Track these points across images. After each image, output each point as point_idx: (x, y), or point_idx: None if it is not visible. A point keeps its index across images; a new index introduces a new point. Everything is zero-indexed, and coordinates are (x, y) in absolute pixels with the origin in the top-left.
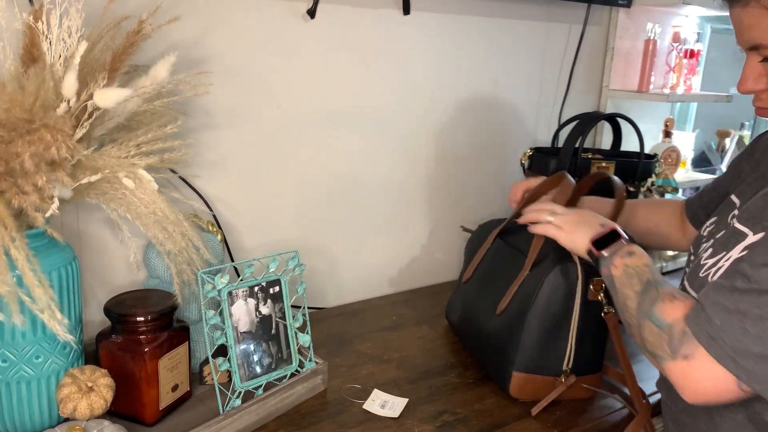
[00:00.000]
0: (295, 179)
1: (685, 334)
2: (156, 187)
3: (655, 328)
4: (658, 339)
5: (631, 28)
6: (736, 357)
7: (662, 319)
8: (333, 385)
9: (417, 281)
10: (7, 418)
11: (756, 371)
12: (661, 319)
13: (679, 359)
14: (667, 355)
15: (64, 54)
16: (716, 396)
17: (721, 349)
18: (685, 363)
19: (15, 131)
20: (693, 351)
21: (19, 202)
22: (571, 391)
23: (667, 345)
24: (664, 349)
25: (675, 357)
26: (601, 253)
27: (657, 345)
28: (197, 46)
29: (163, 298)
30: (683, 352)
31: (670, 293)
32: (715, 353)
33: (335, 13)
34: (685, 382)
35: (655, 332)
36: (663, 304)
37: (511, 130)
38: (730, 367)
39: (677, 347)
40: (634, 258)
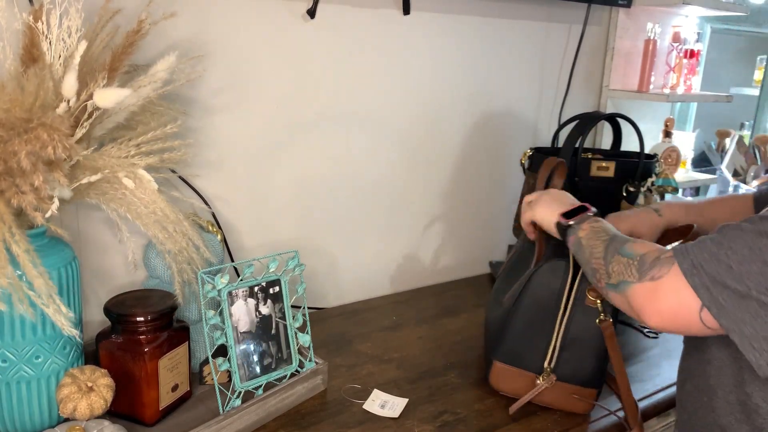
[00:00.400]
0: (295, 179)
1: (657, 261)
2: (156, 186)
3: (624, 258)
4: (626, 267)
5: (631, 28)
6: (711, 288)
7: (633, 252)
8: (333, 385)
9: (417, 281)
10: (7, 418)
11: (727, 307)
12: (631, 252)
13: (646, 281)
14: (633, 279)
15: (63, 54)
16: (674, 320)
17: (699, 278)
18: (651, 284)
19: (13, 130)
20: (663, 273)
21: (18, 201)
22: (563, 400)
23: (636, 270)
24: (631, 274)
25: (642, 279)
26: (568, 221)
27: (623, 272)
28: (197, 47)
29: (163, 298)
30: (651, 274)
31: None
32: (692, 280)
33: (335, 13)
34: (646, 303)
35: (623, 262)
36: (635, 244)
37: (511, 130)
38: (703, 296)
39: (646, 270)
40: (601, 223)
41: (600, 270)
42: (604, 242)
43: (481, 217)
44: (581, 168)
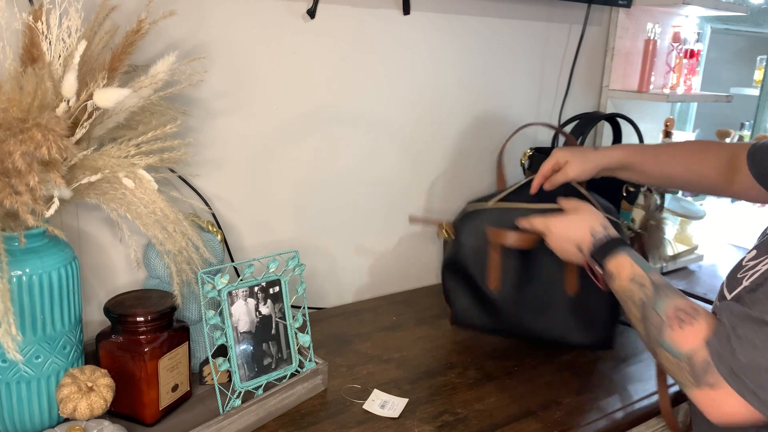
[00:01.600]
0: (295, 179)
1: (707, 364)
2: (156, 186)
3: (672, 357)
4: (678, 369)
5: (631, 28)
6: (759, 392)
7: (677, 349)
8: (333, 385)
9: (417, 281)
10: (7, 418)
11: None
12: (675, 349)
13: (705, 387)
14: (690, 384)
15: (63, 54)
16: (742, 421)
17: (744, 385)
18: (711, 391)
19: (9, 131)
20: (717, 380)
21: (11, 202)
22: None
23: (690, 375)
24: (686, 378)
25: (700, 385)
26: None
27: (678, 374)
28: (196, 47)
29: (162, 298)
30: (707, 380)
31: (674, 316)
32: (738, 389)
33: (335, 13)
34: (711, 409)
35: (672, 362)
36: (672, 331)
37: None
38: (752, 402)
39: (700, 376)
40: (616, 280)
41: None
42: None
43: None
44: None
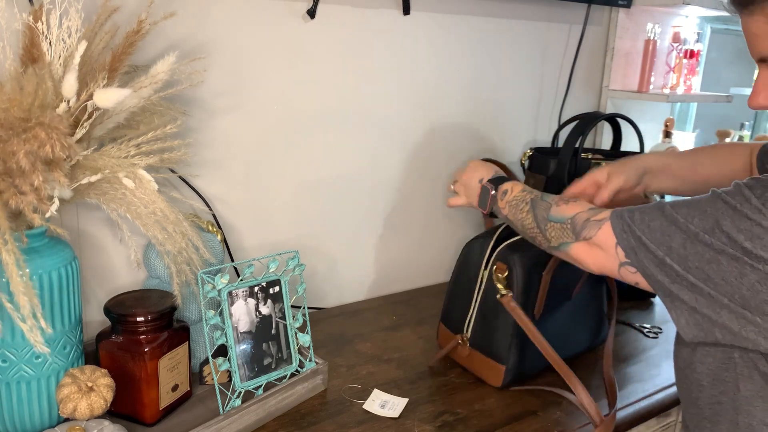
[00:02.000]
0: (295, 179)
1: (587, 222)
2: (156, 187)
3: (557, 224)
4: (562, 230)
5: (631, 28)
6: (638, 251)
7: (562, 215)
8: (333, 385)
9: (417, 281)
10: (7, 418)
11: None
12: (561, 216)
13: (581, 241)
14: (571, 239)
15: (63, 54)
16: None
17: (627, 240)
18: (585, 243)
19: (12, 130)
20: (593, 233)
21: (16, 202)
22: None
23: (571, 231)
24: (568, 236)
25: (578, 239)
26: (486, 210)
27: (562, 235)
28: (196, 47)
29: (162, 298)
30: (584, 234)
31: (559, 199)
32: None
33: (335, 13)
34: (587, 258)
35: (557, 227)
36: (558, 206)
37: (511, 130)
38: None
39: (579, 231)
40: (509, 193)
41: (538, 237)
42: (530, 212)
43: (481, 217)
44: (581, 168)
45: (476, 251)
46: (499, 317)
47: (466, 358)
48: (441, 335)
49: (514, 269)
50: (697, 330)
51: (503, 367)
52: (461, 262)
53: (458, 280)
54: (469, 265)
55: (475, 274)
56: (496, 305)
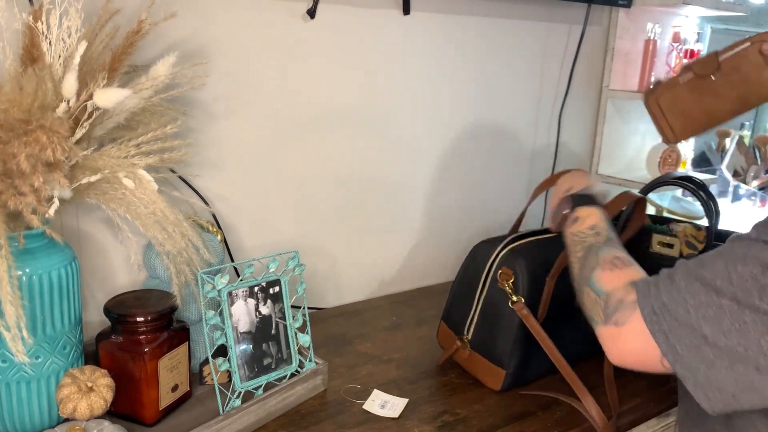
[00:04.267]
0: (296, 179)
1: (621, 304)
2: (156, 187)
3: (593, 294)
4: (594, 305)
5: (631, 28)
6: (669, 335)
7: (600, 287)
8: (333, 385)
9: (417, 281)
10: (7, 418)
11: (684, 356)
12: (598, 286)
13: (611, 325)
14: (600, 320)
15: (63, 54)
16: (639, 364)
17: (659, 324)
18: (614, 329)
19: (12, 132)
20: (626, 319)
21: (15, 203)
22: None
23: (602, 311)
24: (598, 315)
25: (607, 322)
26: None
27: (593, 310)
28: (197, 47)
29: (162, 298)
30: (615, 318)
31: (610, 260)
32: (651, 327)
33: (335, 13)
34: (612, 346)
35: (592, 298)
36: (602, 271)
37: (511, 130)
38: (661, 343)
39: (611, 314)
40: (578, 223)
41: (578, 294)
42: (578, 261)
43: (480, 217)
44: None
45: (483, 254)
46: (501, 321)
47: (466, 359)
48: (441, 334)
49: (519, 275)
50: (723, 405)
51: (504, 371)
52: (467, 264)
53: (462, 281)
54: (475, 267)
55: (478, 277)
56: (498, 309)
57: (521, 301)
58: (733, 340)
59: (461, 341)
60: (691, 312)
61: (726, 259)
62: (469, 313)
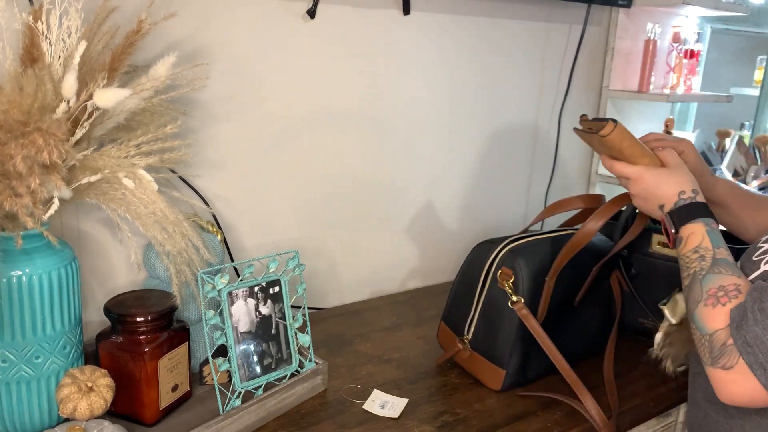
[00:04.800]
0: (296, 179)
1: (724, 347)
2: (156, 187)
3: (698, 332)
4: (700, 344)
5: (631, 28)
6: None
7: (704, 325)
8: (333, 385)
9: (417, 281)
10: (7, 418)
11: None
12: (702, 325)
13: (718, 368)
14: (707, 360)
15: (63, 54)
16: (750, 402)
17: (755, 356)
18: (723, 373)
19: (10, 133)
20: (732, 363)
21: (10, 204)
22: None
23: (708, 352)
24: (705, 355)
25: (715, 366)
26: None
27: (700, 348)
28: (197, 47)
29: (162, 298)
30: (722, 362)
31: (714, 294)
32: (749, 359)
33: (335, 13)
34: (723, 388)
35: (698, 336)
36: (705, 308)
37: (511, 130)
38: (759, 375)
39: (717, 357)
40: (682, 245)
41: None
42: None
43: (480, 217)
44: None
45: (482, 254)
46: (501, 321)
47: (466, 360)
48: (441, 334)
49: (519, 274)
50: None
51: (504, 371)
52: (467, 263)
53: (462, 280)
54: (475, 267)
55: (478, 277)
56: (499, 309)
57: (521, 301)
58: None
59: (462, 342)
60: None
61: None
62: (469, 314)
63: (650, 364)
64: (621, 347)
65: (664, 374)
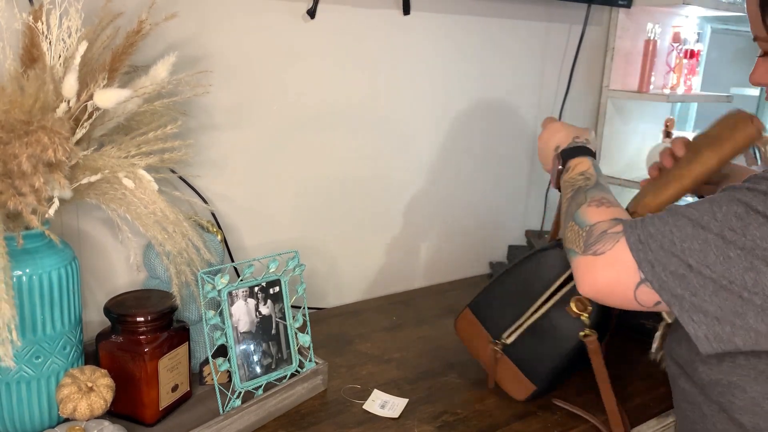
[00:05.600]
0: (296, 179)
1: (603, 234)
2: (156, 187)
3: (576, 226)
4: (576, 236)
5: (631, 28)
6: (655, 263)
7: (584, 219)
8: (333, 385)
9: (417, 281)
10: (7, 418)
11: (669, 283)
12: (583, 219)
13: (589, 254)
14: (579, 250)
15: (63, 54)
16: (609, 294)
17: (645, 253)
18: (592, 258)
19: (13, 133)
20: (605, 249)
21: (14, 204)
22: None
23: (582, 241)
24: (578, 245)
25: (585, 252)
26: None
27: (573, 241)
28: (197, 47)
29: (163, 298)
30: (595, 248)
31: (598, 199)
32: (637, 255)
33: (335, 13)
34: (586, 274)
35: (575, 230)
36: (588, 207)
37: (511, 130)
38: (646, 271)
39: (591, 244)
40: (570, 171)
41: (561, 228)
42: (567, 200)
43: (481, 217)
44: None
45: (553, 264)
46: (551, 341)
47: (490, 358)
48: (465, 321)
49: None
50: (717, 342)
51: (534, 387)
52: (530, 267)
53: (518, 281)
54: (539, 275)
55: (541, 288)
56: (553, 328)
57: (595, 335)
58: (717, 272)
59: (496, 344)
60: (677, 243)
61: (711, 201)
62: (516, 320)
63: (650, 364)
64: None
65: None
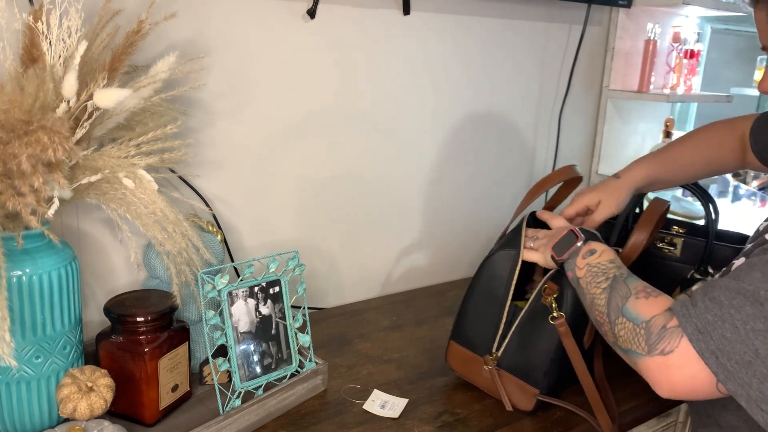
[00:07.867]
0: (296, 179)
1: (664, 330)
2: (156, 187)
3: (630, 324)
4: (633, 335)
5: (631, 28)
6: (719, 354)
7: (638, 315)
8: (333, 385)
9: (417, 281)
10: (7, 418)
11: (735, 373)
12: (636, 315)
13: (657, 355)
14: (643, 351)
15: (63, 54)
16: (692, 392)
17: (706, 344)
18: (661, 359)
19: (13, 132)
20: (673, 347)
21: (14, 204)
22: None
23: (644, 341)
24: (640, 345)
25: (652, 353)
26: (561, 257)
27: (632, 341)
28: (197, 47)
29: (162, 298)
30: (661, 347)
31: (642, 289)
32: (699, 347)
33: (335, 13)
34: (661, 378)
35: (629, 328)
36: (637, 300)
37: (511, 130)
38: (710, 363)
39: (655, 343)
40: (596, 256)
41: (605, 326)
42: (605, 291)
43: (480, 217)
44: None
45: (503, 266)
46: (540, 339)
47: (488, 381)
48: (453, 354)
49: (565, 291)
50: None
51: (536, 390)
52: (485, 277)
53: (480, 295)
54: (496, 278)
55: (504, 290)
56: (537, 326)
57: (563, 317)
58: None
59: (489, 361)
60: (739, 327)
61: (761, 268)
62: (497, 330)
63: None
64: None
65: None
